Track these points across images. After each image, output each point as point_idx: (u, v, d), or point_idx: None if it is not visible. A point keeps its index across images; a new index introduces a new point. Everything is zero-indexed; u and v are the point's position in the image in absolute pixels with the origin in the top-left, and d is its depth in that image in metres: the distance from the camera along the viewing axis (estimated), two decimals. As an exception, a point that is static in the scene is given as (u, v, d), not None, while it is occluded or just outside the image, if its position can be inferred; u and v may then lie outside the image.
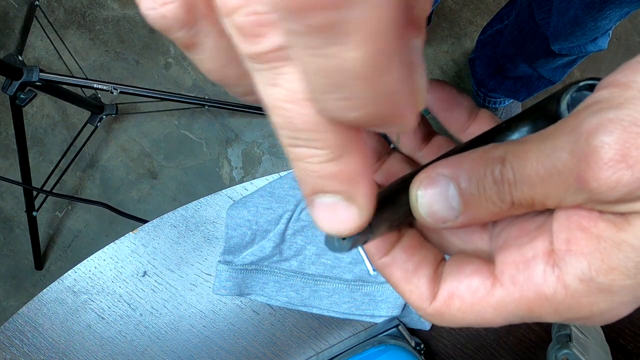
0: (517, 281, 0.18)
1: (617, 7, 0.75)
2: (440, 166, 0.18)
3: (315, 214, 0.16)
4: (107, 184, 1.41)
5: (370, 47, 0.11)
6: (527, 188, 0.17)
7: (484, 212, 0.18)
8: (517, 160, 0.17)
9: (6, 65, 0.92)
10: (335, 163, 0.15)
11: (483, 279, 0.19)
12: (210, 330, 0.59)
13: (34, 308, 0.59)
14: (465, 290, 0.19)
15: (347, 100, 0.13)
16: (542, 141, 0.17)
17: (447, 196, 0.18)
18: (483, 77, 1.21)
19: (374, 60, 0.12)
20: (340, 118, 0.13)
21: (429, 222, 0.18)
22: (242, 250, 0.57)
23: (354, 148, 0.15)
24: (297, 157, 0.15)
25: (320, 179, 0.15)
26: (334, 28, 0.11)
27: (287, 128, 0.14)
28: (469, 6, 1.45)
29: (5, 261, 1.40)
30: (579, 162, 0.15)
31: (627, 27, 1.43)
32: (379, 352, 0.51)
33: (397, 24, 0.12)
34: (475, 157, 0.18)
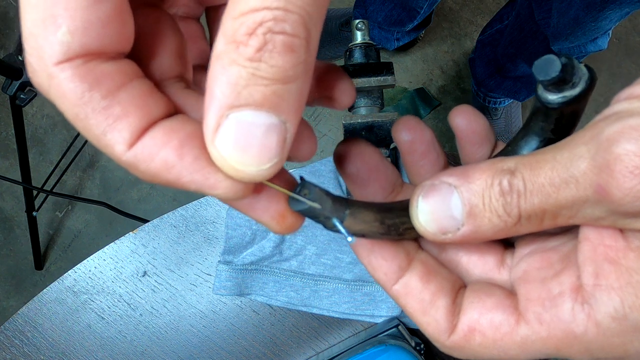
0: (543, 319, 0.17)
1: (617, 7, 0.75)
2: (444, 174, 0.17)
3: (229, 136, 0.14)
4: (107, 183, 1.41)
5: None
6: (538, 199, 0.16)
7: (488, 225, 0.17)
8: (529, 170, 0.16)
9: (6, 65, 0.92)
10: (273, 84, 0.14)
11: (506, 315, 0.18)
12: (210, 330, 0.59)
13: (34, 308, 0.59)
14: (487, 325, 0.18)
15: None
16: (557, 151, 0.16)
17: (449, 205, 0.17)
18: (483, 77, 1.21)
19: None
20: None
21: (428, 231, 0.17)
22: (242, 250, 0.57)
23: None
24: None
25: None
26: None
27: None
28: (469, 6, 1.45)
29: (5, 261, 1.40)
30: (599, 172, 0.15)
31: (627, 27, 1.43)
32: (379, 352, 0.51)
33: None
34: (482, 167, 0.17)
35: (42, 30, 0.14)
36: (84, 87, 0.14)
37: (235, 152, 0.15)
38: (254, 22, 0.13)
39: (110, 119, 0.15)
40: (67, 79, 0.14)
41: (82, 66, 0.14)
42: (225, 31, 0.14)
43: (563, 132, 0.20)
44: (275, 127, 0.15)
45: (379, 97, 0.46)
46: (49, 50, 0.14)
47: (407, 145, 0.22)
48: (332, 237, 0.56)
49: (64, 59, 0.14)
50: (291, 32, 0.14)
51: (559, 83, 0.18)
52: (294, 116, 0.15)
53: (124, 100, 0.15)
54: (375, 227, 0.19)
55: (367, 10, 1.16)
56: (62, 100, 0.15)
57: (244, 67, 0.14)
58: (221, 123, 0.14)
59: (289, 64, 0.14)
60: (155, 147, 0.15)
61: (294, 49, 0.14)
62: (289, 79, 0.14)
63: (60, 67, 0.14)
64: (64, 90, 0.14)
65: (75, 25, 0.14)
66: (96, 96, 0.14)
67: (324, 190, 0.19)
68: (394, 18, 1.14)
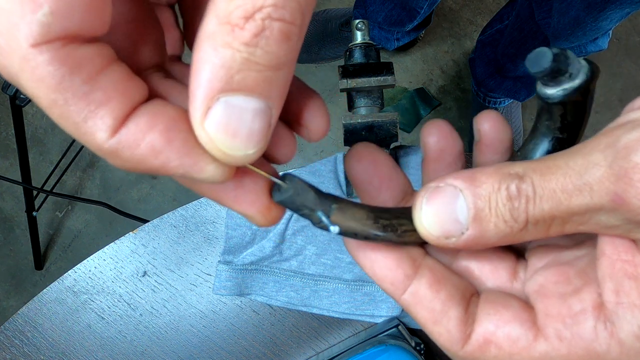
0: (563, 336, 0.17)
1: (617, 7, 0.75)
2: (450, 177, 0.17)
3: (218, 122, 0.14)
4: (107, 184, 1.41)
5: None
6: (549, 205, 0.15)
7: (493, 231, 0.16)
8: (539, 176, 0.16)
9: (6, 65, 0.92)
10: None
11: (524, 329, 0.17)
12: (210, 330, 0.59)
13: (34, 308, 0.59)
14: (503, 338, 0.18)
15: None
16: (570, 157, 0.16)
17: (454, 208, 0.16)
18: (483, 77, 1.21)
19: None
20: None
21: (431, 234, 0.17)
22: (242, 250, 0.57)
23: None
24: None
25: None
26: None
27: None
28: (469, 6, 1.45)
29: (5, 261, 1.40)
30: (617, 180, 0.14)
31: (627, 27, 1.43)
32: (379, 352, 0.51)
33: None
34: (489, 170, 0.17)
35: (18, 8, 0.13)
36: (64, 71, 0.13)
37: (224, 136, 0.14)
38: (253, 7, 0.13)
39: (92, 105, 0.14)
40: (45, 62, 0.13)
41: (62, 49, 0.13)
42: (218, 12, 0.13)
43: (571, 129, 0.20)
44: (263, 112, 0.14)
45: (379, 97, 0.46)
46: (26, 29, 0.13)
47: (435, 153, 0.21)
48: (332, 237, 0.56)
49: (42, 41, 0.13)
50: (289, 20, 0.14)
51: (555, 74, 0.18)
52: (279, 102, 0.15)
53: (105, 85, 0.14)
54: (368, 225, 0.18)
55: (367, 10, 1.16)
56: (38, 85, 0.13)
57: (239, 50, 0.13)
58: (211, 106, 0.14)
59: (283, 51, 0.14)
60: (141, 132, 0.14)
61: (290, 36, 0.14)
62: (280, 65, 0.14)
63: (38, 49, 0.13)
64: (41, 74, 0.13)
65: (58, 5, 0.13)
66: (77, 81, 0.14)
67: (308, 183, 0.18)
68: (394, 18, 1.14)
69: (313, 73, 1.40)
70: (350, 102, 0.47)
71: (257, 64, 0.14)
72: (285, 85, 0.15)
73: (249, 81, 0.14)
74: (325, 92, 1.40)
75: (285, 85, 0.15)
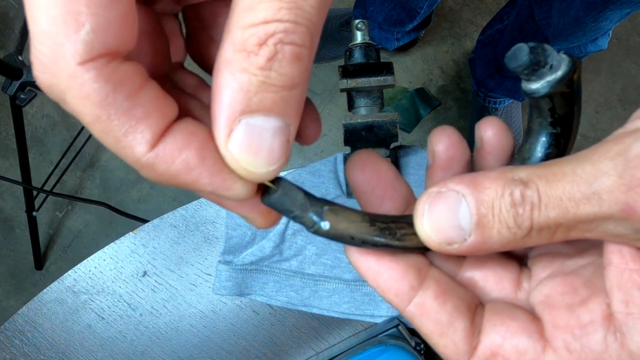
0: (572, 348, 0.16)
1: (617, 8, 0.75)
2: (452, 181, 0.17)
3: (240, 140, 0.15)
4: (107, 184, 1.41)
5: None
6: (555, 213, 0.15)
7: (496, 237, 0.16)
8: (544, 183, 0.15)
9: (6, 65, 0.92)
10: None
11: (532, 341, 0.17)
12: (210, 330, 0.59)
13: (34, 308, 0.59)
14: (511, 350, 0.17)
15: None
16: (577, 164, 0.15)
17: (457, 214, 0.16)
18: (483, 77, 1.21)
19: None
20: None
21: (432, 240, 0.17)
22: (242, 250, 0.57)
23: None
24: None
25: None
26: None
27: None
28: (469, 6, 1.45)
29: (5, 261, 1.40)
30: (628, 190, 0.14)
31: (627, 28, 1.43)
32: (379, 352, 0.51)
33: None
34: (492, 175, 0.16)
35: (62, 28, 0.13)
36: (108, 88, 0.14)
37: (247, 155, 0.15)
38: (266, 34, 0.14)
39: (133, 120, 0.15)
40: (91, 80, 0.14)
41: (106, 67, 0.14)
42: (234, 40, 0.14)
43: (563, 123, 0.19)
44: (282, 130, 0.15)
45: (379, 97, 0.46)
46: (72, 49, 0.13)
47: (443, 161, 0.21)
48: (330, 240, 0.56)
49: (87, 59, 0.14)
50: (300, 43, 0.14)
51: (534, 67, 0.18)
52: (296, 118, 0.16)
53: (144, 102, 0.15)
54: (363, 228, 0.18)
55: (367, 11, 1.16)
56: (84, 102, 0.14)
57: (255, 75, 0.14)
58: (233, 128, 0.15)
59: (296, 72, 0.15)
60: (177, 149, 0.15)
61: (301, 58, 0.15)
62: (294, 85, 0.15)
63: (84, 67, 0.14)
64: (87, 91, 0.14)
65: (98, 23, 0.13)
66: (119, 97, 0.14)
67: (298, 186, 0.18)
68: (394, 18, 1.14)
69: (313, 73, 1.40)
70: (350, 102, 0.47)
71: (272, 86, 0.15)
72: (301, 101, 0.16)
73: (267, 102, 0.15)
74: (326, 92, 1.40)
75: (301, 102, 0.16)
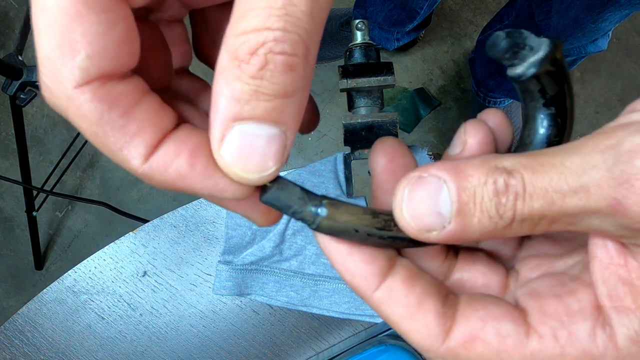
0: (559, 336, 0.16)
1: (617, 9, 0.75)
2: (434, 167, 0.16)
3: (233, 145, 0.15)
4: (107, 183, 1.41)
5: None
6: (539, 204, 0.15)
7: (476, 226, 0.16)
8: (530, 173, 0.15)
9: (6, 65, 0.92)
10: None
11: (515, 325, 0.17)
12: (210, 330, 0.59)
13: (34, 308, 0.59)
14: (492, 334, 0.17)
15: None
16: (566, 156, 0.15)
17: (437, 201, 0.16)
18: (483, 77, 1.21)
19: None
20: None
21: (411, 227, 0.16)
22: (242, 250, 0.57)
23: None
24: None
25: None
26: None
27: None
28: (469, 6, 1.45)
29: (5, 261, 1.40)
30: (617, 185, 0.14)
31: (627, 28, 1.43)
32: (379, 352, 0.51)
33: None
34: (476, 163, 0.16)
35: (60, 55, 0.14)
36: (103, 107, 0.15)
37: (239, 161, 0.16)
38: (256, 43, 0.14)
39: (127, 136, 0.15)
40: (86, 101, 0.15)
41: (100, 88, 0.15)
42: (228, 47, 0.15)
43: (556, 102, 0.19)
44: (276, 137, 0.15)
45: (379, 97, 0.46)
46: (68, 74, 0.15)
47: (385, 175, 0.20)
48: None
49: (82, 83, 0.15)
50: (291, 52, 0.14)
51: (514, 49, 0.18)
52: (294, 125, 0.16)
53: (138, 118, 0.16)
54: (367, 220, 0.17)
55: (367, 11, 1.16)
56: (82, 120, 0.15)
57: (247, 83, 0.14)
58: (226, 134, 0.15)
59: (289, 81, 0.15)
60: (168, 159, 0.16)
61: (294, 67, 0.15)
62: (289, 94, 0.15)
63: (80, 90, 0.15)
64: (84, 112, 0.15)
65: (93, 50, 0.14)
66: (114, 116, 0.15)
67: (294, 183, 0.18)
68: (394, 18, 1.14)
69: (313, 73, 1.40)
70: (350, 102, 0.47)
71: (264, 95, 0.15)
72: (299, 109, 0.16)
73: (259, 110, 0.15)
74: (326, 92, 1.40)
75: (299, 110, 0.16)
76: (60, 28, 0.14)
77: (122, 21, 0.15)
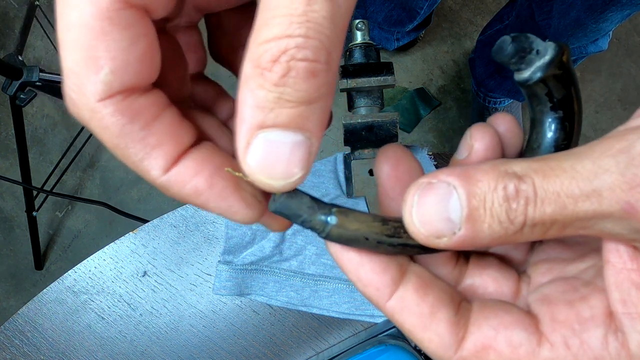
0: (571, 344, 0.16)
1: (618, 9, 0.75)
2: (443, 172, 0.16)
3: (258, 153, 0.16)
4: (107, 184, 1.41)
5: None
6: (551, 209, 0.15)
7: (487, 232, 0.15)
8: (541, 177, 0.15)
9: (6, 65, 0.92)
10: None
11: (527, 334, 0.17)
12: (210, 330, 0.59)
13: (34, 308, 0.59)
14: (504, 343, 0.17)
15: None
16: (577, 160, 0.15)
17: (447, 207, 0.16)
18: (483, 77, 1.21)
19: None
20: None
21: (421, 233, 0.16)
22: (242, 250, 0.57)
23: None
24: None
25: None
26: None
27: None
28: (469, 6, 1.45)
29: (5, 261, 1.40)
30: (630, 189, 0.14)
31: (627, 28, 1.43)
32: (379, 352, 0.51)
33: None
34: (485, 168, 0.16)
35: (84, 70, 0.15)
36: (125, 120, 0.16)
37: (264, 168, 0.16)
38: (278, 50, 0.14)
39: (148, 148, 0.16)
40: (109, 114, 0.15)
41: (122, 102, 0.16)
42: (252, 56, 0.15)
43: (564, 105, 0.19)
44: (301, 144, 0.16)
45: (379, 97, 0.46)
46: (92, 88, 0.15)
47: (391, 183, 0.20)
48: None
49: (105, 96, 0.15)
50: (313, 59, 0.14)
51: (521, 54, 0.18)
52: (318, 131, 0.16)
53: (158, 131, 0.16)
54: (377, 227, 0.17)
55: (367, 11, 1.16)
56: (104, 132, 0.16)
57: (270, 91, 0.15)
58: (251, 142, 0.15)
59: (312, 87, 0.15)
60: (188, 175, 0.17)
61: (316, 73, 0.15)
62: (313, 100, 0.15)
63: (103, 104, 0.15)
64: (106, 124, 0.16)
65: (116, 65, 0.15)
66: (135, 128, 0.16)
67: (303, 191, 0.18)
68: (394, 18, 1.14)
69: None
70: (350, 102, 0.47)
71: (288, 102, 0.15)
72: (323, 115, 0.16)
73: (283, 117, 0.15)
74: (325, 92, 1.40)
75: (324, 115, 0.16)
76: (84, 44, 0.15)
77: (144, 36, 0.15)
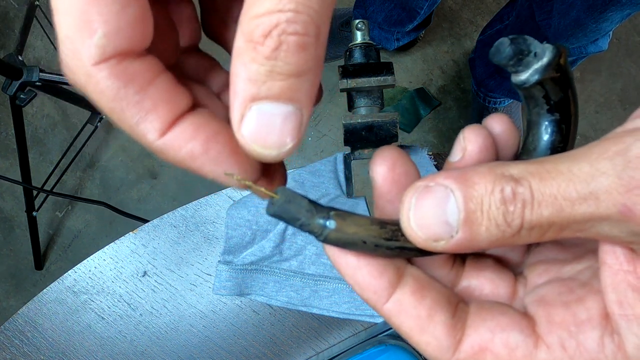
0: (567, 346, 0.16)
1: (618, 9, 0.75)
2: (440, 176, 0.16)
3: (252, 125, 0.16)
4: (107, 184, 1.41)
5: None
6: (548, 212, 0.15)
7: (484, 235, 0.16)
8: (537, 180, 0.15)
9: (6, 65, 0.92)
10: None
11: (523, 336, 0.17)
12: (210, 330, 0.59)
13: (34, 308, 0.59)
14: (500, 345, 0.17)
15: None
16: (574, 163, 0.15)
17: (444, 210, 0.16)
18: (483, 77, 1.21)
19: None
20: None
21: (419, 237, 0.16)
22: (242, 250, 0.57)
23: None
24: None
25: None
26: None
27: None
28: (469, 6, 1.45)
29: (5, 261, 1.40)
30: (627, 192, 0.14)
31: (627, 28, 1.43)
32: (379, 352, 0.51)
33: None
34: (482, 170, 0.16)
35: (78, 34, 0.15)
36: (120, 84, 0.16)
37: (258, 138, 0.16)
38: (270, 25, 0.15)
39: (143, 112, 0.16)
40: (104, 78, 0.16)
41: (117, 65, 0.16)
42: (244, 30, 0.15)
43: (561, 108, 0.19)
44: (292, 115, 0.16)
45: (379, 97, 0.46)
46: (87, 52, 0.15)
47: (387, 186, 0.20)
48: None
49: (100, 60, 0.16)
50: (303, 32, 0.15)
51: (519, 56, 0.18)
52: (309, 103, 0.16)
53: (154, 95, 0.17)
54: (374, 230, 0.17)
55: (367, 11, 1.16)
56: (100, 96, 0.16)
57: (262, 64, 0.15)
58: (245, 114, 0.16)
59: (302, 60, 0.15)
60: (184, 139, 0.17)
61: (306, 47, 0.15)
62: (302, 72, 0.16)
63: (97, 67, 0.16)
64: (102, 88, 0.16)
65: (109, 28, 0.15)
66: (130, 92, 0.16)
67: (301, 194, 0.18)
68: (394, 18, 1.14)
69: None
70: (350, 102, 0.47)
71: (279, 74, 0.15)
72: (312, 86, 0.16)
73: (275, 89, 0.16)
74: (326, 91, 1.40)
75: (313, 87, 0.16)
76: (77, 9, 0.15)
77: (136, 1, 0.16)
